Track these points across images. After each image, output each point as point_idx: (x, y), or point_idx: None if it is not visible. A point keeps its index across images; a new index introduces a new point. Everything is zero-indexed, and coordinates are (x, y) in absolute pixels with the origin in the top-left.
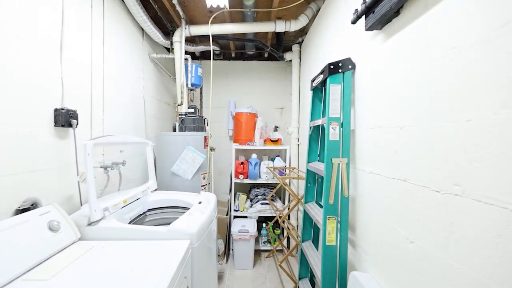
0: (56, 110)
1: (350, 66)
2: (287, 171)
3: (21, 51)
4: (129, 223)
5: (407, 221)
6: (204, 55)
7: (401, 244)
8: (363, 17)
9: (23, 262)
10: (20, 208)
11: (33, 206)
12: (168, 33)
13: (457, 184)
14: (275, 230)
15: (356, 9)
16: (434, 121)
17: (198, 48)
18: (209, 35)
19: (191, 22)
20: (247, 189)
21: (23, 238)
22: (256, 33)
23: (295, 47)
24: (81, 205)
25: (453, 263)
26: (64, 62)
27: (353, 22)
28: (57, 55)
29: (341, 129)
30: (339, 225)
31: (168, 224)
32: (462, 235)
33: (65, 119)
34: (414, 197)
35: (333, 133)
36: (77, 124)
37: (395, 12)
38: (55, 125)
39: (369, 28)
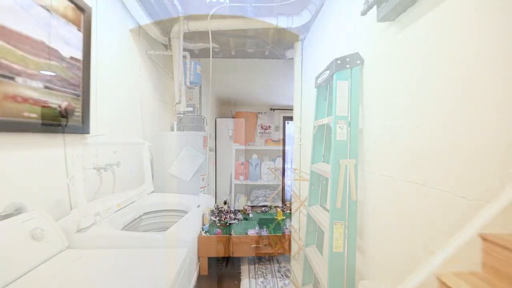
0: (43, 107)
1: (358, 62)
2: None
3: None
4: (124, 228)
5: (426, 229)
6: (203, 53)
7: (418, 254)
8: (375, 7)
9: None
10: (3, 214)
11: (17, 211)
12: (166, 29)
13: (490, 190)
14: (276, 233)
15: None
16: (458, 118)
17: (197, 46)
18: (208, 31)
19: (189, 18)
20: (248, 191)
21: (1, 249)
22: (257, 30)
23: (297, 45)
24: (72, 209)
25: None
26: (52, 57)
27: (363, 13)
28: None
29: (349, 128)
30: (346, 230)
31: (165, 229)
32: None
33: (53, 117)
34: (434, 203)
35: (341, 133)
36: (66, 123)
37: None
38: (42, 124)
39: (381, 19)
